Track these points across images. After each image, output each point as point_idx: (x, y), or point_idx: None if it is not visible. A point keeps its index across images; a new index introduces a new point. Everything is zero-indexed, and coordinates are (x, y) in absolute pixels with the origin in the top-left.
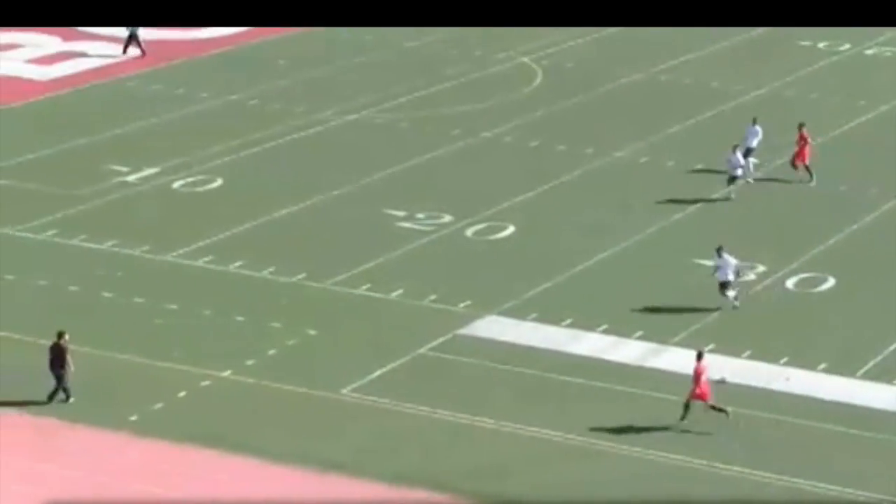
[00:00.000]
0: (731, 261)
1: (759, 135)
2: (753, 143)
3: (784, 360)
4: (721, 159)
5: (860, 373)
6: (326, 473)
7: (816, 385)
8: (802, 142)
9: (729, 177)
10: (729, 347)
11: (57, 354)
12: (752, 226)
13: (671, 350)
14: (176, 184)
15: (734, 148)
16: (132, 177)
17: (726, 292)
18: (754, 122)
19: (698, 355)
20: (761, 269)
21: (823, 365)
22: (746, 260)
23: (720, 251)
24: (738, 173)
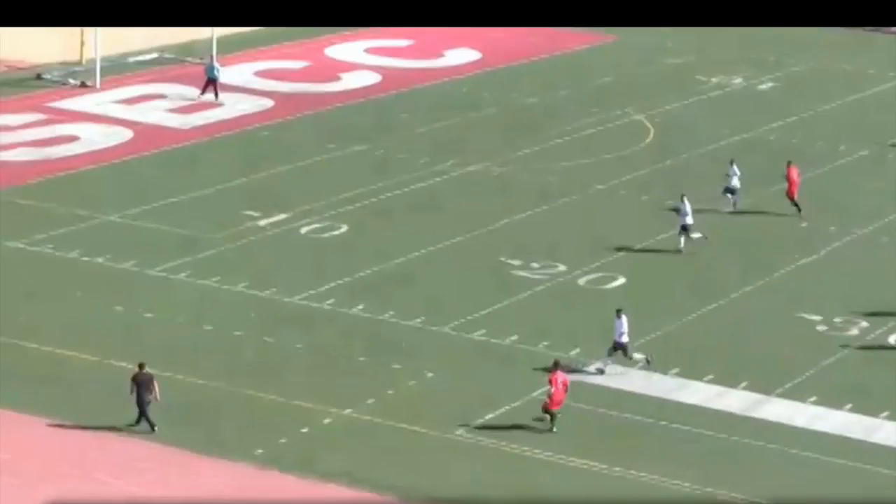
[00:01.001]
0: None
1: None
2: (734, 183)
3: (885, 414)
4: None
5: None
6: None
7: None
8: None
9: (680, 226)
10: (830, 400)
11: (141, 384)
12: (860, 282)
13: (774, 401)
14: (303, 229)
15: (682, 196)
16: (263, 222)
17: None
18: (732, 163)
19: (554, 364)
20: (864, 325)
21: None
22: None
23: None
24: (688, 221)
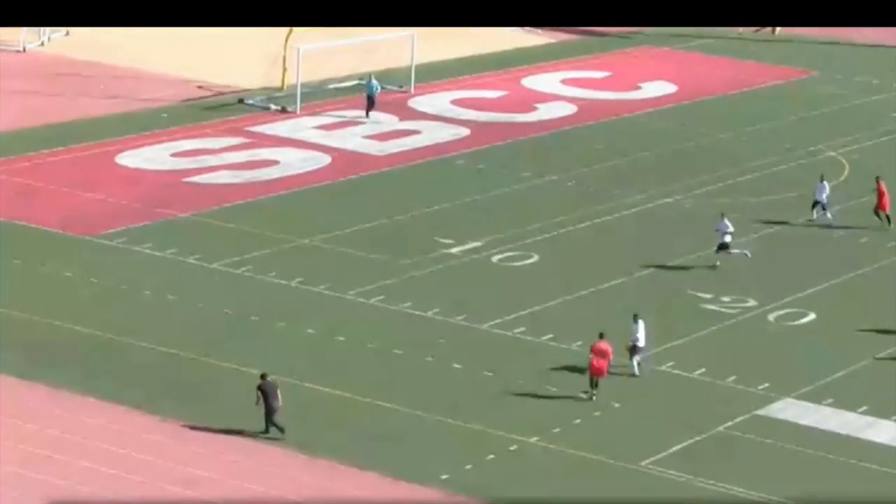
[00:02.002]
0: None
1: (827, 190)
2: (822, 197)
3: None
4: None
5: None
6: None
7: None
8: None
9: (719, 244)
10: None
11: (266, 392)
12: None
13: None
14: (495, 257)
15: (721, 215)
16: (455, 249)
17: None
18: (822, 179)
19: (600, 335)
20: None
21: None
22: None
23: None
24: (727, 239)
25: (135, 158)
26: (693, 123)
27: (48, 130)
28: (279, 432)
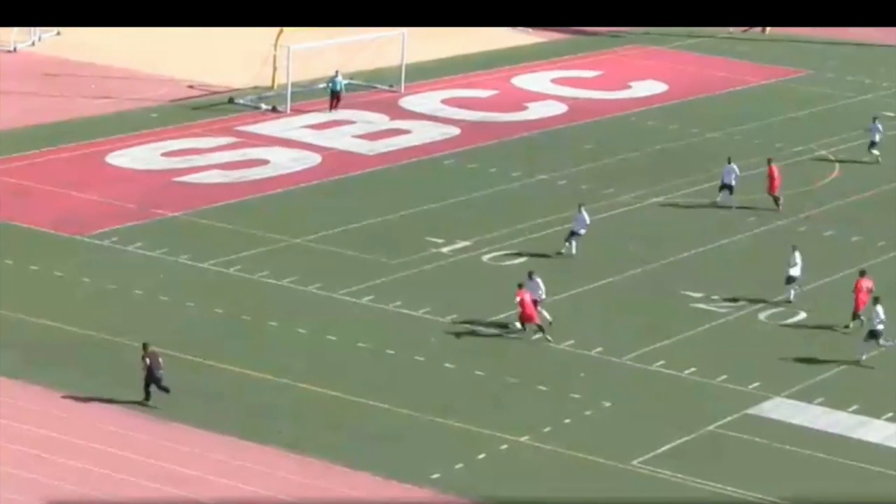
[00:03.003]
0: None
1: (736, 171)
2: (731, 180)
3: None
4: None
5: None
6: None
7: None
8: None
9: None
10: None
11: (151, 361)
12: None
13: None
14: (485, 257)
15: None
16: (445, 248)
17: None
18: (729, 161)
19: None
20: None
21: None
22: None
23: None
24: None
25: (125, 158)
26: (684, 123)
27: (39, 130)
28: (165, 392)
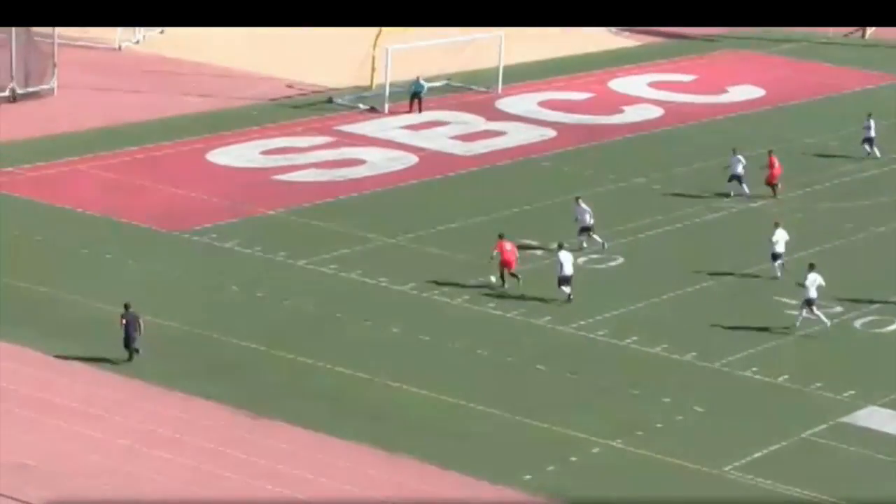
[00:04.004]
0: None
1: (743, 162)
2: (739, 170)
3: None
4: None
5: None
6: None
7: None
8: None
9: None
10: None
11: (128, 322)
12: None
13: None
14: (580, 259)
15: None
16: (540, 251)
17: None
18: (735, 152)
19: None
20: None
21: None
22: None
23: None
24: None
25: (225, 156)
26: (780, 128)
27: (140, 127)
28: (135, 353)
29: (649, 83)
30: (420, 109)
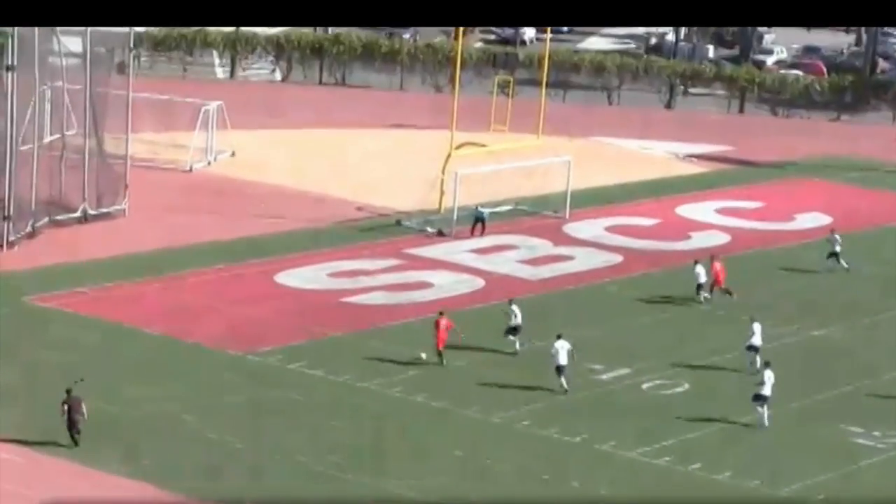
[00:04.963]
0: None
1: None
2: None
3: None
4: None
5: None
6: None
7: None
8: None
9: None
10: None
11: (71, 406)
12: None
13: None
14: (645, 385)
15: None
16: (605, 375)
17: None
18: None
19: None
20: None
21: None
22: None
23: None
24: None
25: (294, 278)
26: (849, 255)
27: (210, 247)
28: (74, 443)
29: (716, 209)
30: (483, 233)
